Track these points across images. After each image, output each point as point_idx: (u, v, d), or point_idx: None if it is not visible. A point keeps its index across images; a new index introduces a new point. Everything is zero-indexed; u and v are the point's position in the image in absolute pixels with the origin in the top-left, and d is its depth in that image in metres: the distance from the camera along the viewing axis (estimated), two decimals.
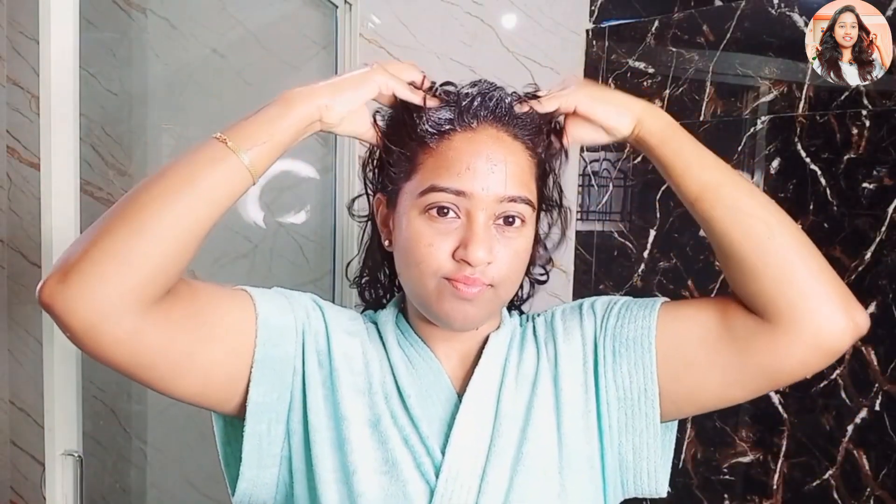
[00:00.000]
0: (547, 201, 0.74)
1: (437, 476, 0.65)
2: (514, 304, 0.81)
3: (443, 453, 0.66)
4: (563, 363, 0.71)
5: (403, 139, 0.69)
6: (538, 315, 0.78)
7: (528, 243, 0.68)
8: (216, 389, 0.65)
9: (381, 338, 0.74)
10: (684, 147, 0.69)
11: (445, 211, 0.65)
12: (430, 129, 0.67)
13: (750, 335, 0.65)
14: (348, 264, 0.82)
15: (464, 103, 0.67)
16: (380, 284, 0.80)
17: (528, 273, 0.75)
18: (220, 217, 0.61)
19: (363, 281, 0.80)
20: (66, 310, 0.55)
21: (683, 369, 0.68)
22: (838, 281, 0.65)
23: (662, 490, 0.72)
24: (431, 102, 0.68)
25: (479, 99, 0.67)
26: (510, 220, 0.66)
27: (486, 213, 0.64)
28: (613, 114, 0.70)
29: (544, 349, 0.73)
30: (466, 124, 0.67)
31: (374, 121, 0.71)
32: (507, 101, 0.69)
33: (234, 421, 0.69)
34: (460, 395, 0.69)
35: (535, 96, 0.71)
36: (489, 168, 0.64)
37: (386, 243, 0.73)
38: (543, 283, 0.81)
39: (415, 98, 0.68)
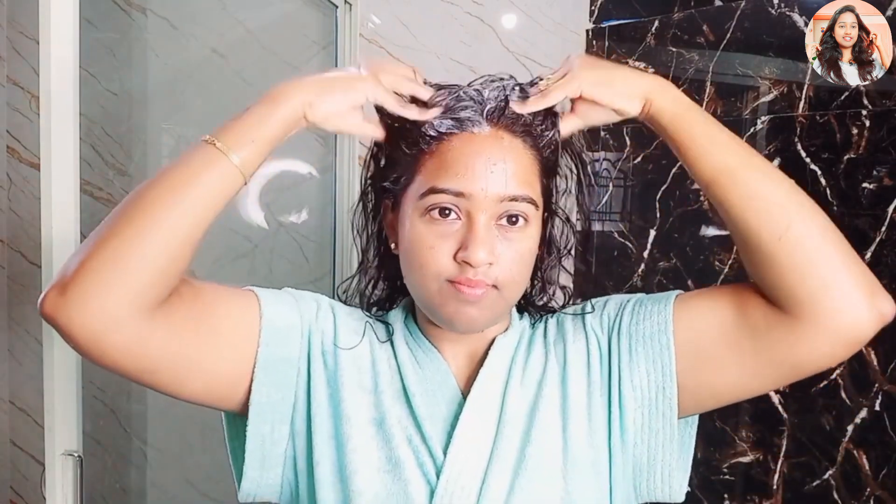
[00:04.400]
0: (555, 198, 0.72)
1: (438, 476, 0.65)
2: (525, 307, 0.80)
3: (445, 454, 0.65)
4: (571, 364, 0.70)
5: (401, 144, 0.68)
6: (551, 316, 0.76)
7: (532, 243, 0.67)
8: (221, 389, 0.66)
9: (390, 337, 0.73)
10: (696, 126, 0.65)
11: (447, 212, 0.64)
12: (426, 134, 0.66)
13: (769, 327, 0.63)
14: (343, 282, 0.81)
15: (461, 113, 0.66)
16: (390, 283, 0.78)
17: (540, 274, 0.74)
18: (214, 218, 0.61)
19: (371, 280, 0.78)
20: (69, 321, 0.55)
21: (701, 363, 0.66)
22: (862, 268, 0.61)
23: (678, 496, 0.70)
24: (426, 116, 0.66)
25: (476, 106, 0.66)
26: (513, 219, 0.65)
27: (486, 214, 0.63)
28: (620, 96, 0.66)
29: (553, 350, 0.72)
30: (464, 129, 0.66)
31: (381, 117, 0.69)
32: (506, 99, 0.66)
33: (239, 419, 0.69)
34: (465, 396, 0.69)
35: (534, 84, 0.68)
36: (489, 168, 0.63)
37: (392, 246, 0.72)
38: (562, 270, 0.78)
39: (406, 113, 0.66)
